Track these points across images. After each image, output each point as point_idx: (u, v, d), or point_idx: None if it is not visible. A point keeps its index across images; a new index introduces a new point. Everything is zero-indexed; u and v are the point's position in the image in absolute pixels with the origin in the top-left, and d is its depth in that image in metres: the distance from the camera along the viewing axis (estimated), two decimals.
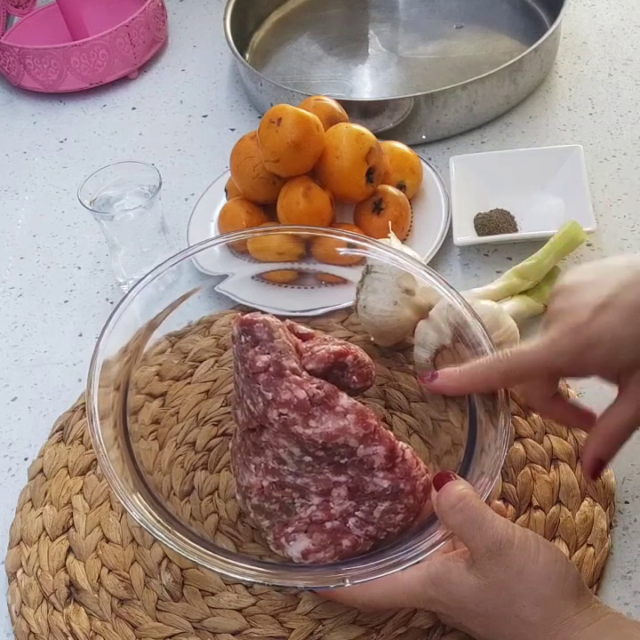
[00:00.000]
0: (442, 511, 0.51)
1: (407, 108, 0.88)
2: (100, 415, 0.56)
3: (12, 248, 0.89)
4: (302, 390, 0.54)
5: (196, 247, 0.64)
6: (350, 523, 0.55)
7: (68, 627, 0.59)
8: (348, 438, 0.54)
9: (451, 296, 0.60)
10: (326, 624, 0.57)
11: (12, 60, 1.04)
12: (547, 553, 0.49)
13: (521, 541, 0.49)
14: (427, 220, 0.81)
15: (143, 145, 0.98)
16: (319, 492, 0.56)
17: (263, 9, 1.10)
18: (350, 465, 0.55)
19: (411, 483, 0.55)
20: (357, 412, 0.54)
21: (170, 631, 0.58)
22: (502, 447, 0.53)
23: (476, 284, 0.75)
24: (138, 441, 0.60)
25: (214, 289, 0.74)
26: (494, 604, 0.49)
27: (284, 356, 0.55)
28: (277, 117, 0.75)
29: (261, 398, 0.55)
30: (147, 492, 0.55)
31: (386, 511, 0.55)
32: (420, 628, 0.56)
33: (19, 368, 0.78)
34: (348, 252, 0.65)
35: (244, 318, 0.57)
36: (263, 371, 0.55)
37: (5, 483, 0.69)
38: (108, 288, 0.83)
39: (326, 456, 0.55)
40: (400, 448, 0.55)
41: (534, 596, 0.48)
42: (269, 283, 0.76)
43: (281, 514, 0.56)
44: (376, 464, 0.55)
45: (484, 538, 0.49)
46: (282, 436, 0.55)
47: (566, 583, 0.48)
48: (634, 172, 0.85)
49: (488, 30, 1.03)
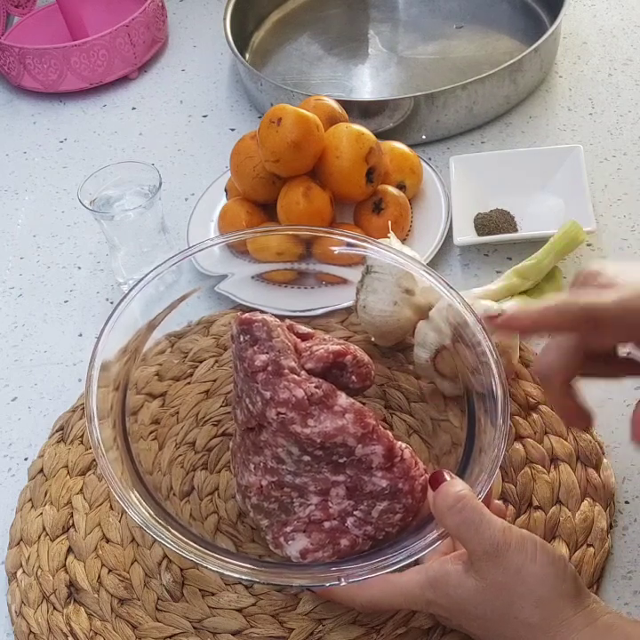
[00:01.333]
0: (439, 512, 0.51)
1: (407, 108, 0.88)
2: (99, 415, 0.56)
3: (12, 248, 0.89)
4: (300, 389, 0.54)
5: (196, 247, 0.64)
6: (349, 522, 0.55)
7: (67, 627, 0.59)
8: (347, 437, 0.54)
9: (450, 296, 0.60)
10: (326, 624, 0.57)
11: (11, 60, 1.04)
12: (544, 554, 0.49)
13: (518, 543, 0.49)
14: (427, 220, 0.81)
15: (143, 145, 0.98)
16: (318, 492, 0.56)
17: (263, 9, 1.10)
18: (349, 464, 0.55)
19: (409, 482, 0.55)
20: (356, 412, 0.54)
21: (170, 631, 0.58)
22: (501, 446, 0.53)
23: (475, 284, 0.75)
24: (137, 441, 0.60)
25: (214, 289, 0.74)
26: (493, 606, 0.49)
27: (283, 356, 0.55)
28: (277, 117, 0.75)
29: (260, 397, 0.55)
30: (145, 491, 0.55)
31: (384, 511, 0.55)
32: (419, 627, 0.56)
33: (19, 368, 0.78)
34: (348, 250, 0.65)
35: (243, 318, 0.57)
36: (261, 370, 0.55)
37: (5, 483, 0.69)
38: (108, 288, 0.83)
39: (325, 455, 0.55)
40: (399, 448, 0.55)
41: (533, 598, 0.48)
42: (269, 283, 0.76)
43: (280, 513, 0.57)
44: (374, 463, 0.55)
45: (482, 540, 0.49)
46: (280, 435, 0.55)
47: (564, 584, 0.48)
48: (634, 172, 0.85)
49: (488, 30, 1.03)
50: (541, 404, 0.66)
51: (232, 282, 0.71)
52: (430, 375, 0.64)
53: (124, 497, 0.53)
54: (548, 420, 0.65)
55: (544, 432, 0.64)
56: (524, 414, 0.65)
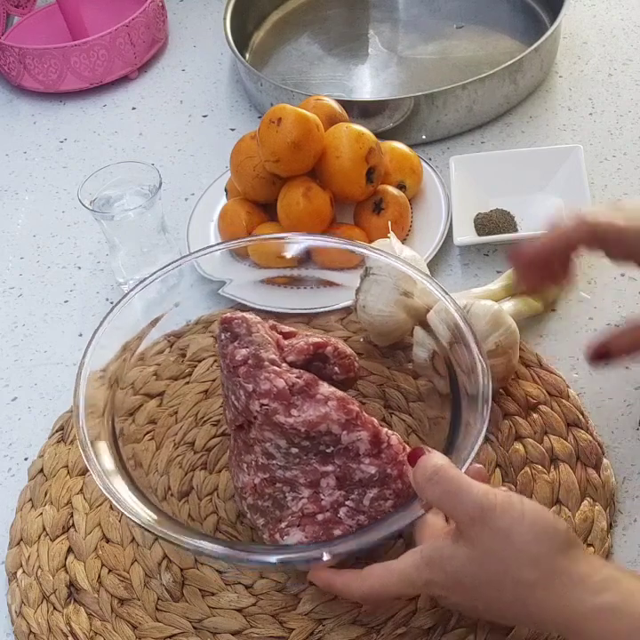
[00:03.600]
0: (418, 485, 0.51)
1: (407, 108, 0.88)
2: (86, 412, 0.56)
3: (12, 248, 0.89)
4: (281, 379, 0.55)
5: (196, 254, 0.65)
6: (341, 513, 0.56)
7: (68, 627, 0.59)
8: (331, 425, 0.54)
9: (445, 300, 0.60)
10: (326, 624, 0.57)
11: (12, 60, 1.04)
12: (531, 512, 0.48)
13: (503, 504, 0.48)
14: (427, 220, 0.81)
15: (143, 145, 0.98)
16: (308, 484, 0.56)
17: (263, 9, 1.10)
18: (336, 454, 0.55)
19: (398, 467, 0.55)
20: (338, 399, 0.55)
21: (170, 631, 0.58)
22: (482, 426, 0.53)
23: (475, 284, 0.75)
24: (133, 441, 0.60)
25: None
26: (488, 573, 0.48)
27: (263, 349, 0.57)
28: (277, 117, 0.75)
29: (243, 391, 0.56)
30: (133, 486, 0.55)
31: (375, 498, 0.55)
32: (420, 627, 0.56)
33: (19, 368, 0.78)
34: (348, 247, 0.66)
35: (224, 317, 0.59)
36: (242, 364, 0.56)
37: (5, 483, 0.69)
38: (107, 288, 0.83)
39: (312, 446, 0.55)
40: (385, 434, 0.56)
41: (527, 557, 0.47)
42: (269, 283, 0.76)
43: (274, 510, 0.57)
44: (361, 450, 0.55)
45: (465, 506, 0.48)
46: (266, 428, 0.55)
47: (556, 538, 0.48)
48: (634, 172, 0.85)
49: (488, 30, 1.03)
50: (541, 403, 0.66)
51: (232, 284, 0.72)
52: (429, 374, 0.64)
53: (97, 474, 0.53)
54: (547, 420, 0.65)
55: (544, 432, 0.64)
56: (523, 414, 0.65)
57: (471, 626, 0.55)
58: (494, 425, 0.65)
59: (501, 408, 0.66)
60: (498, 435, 0.64)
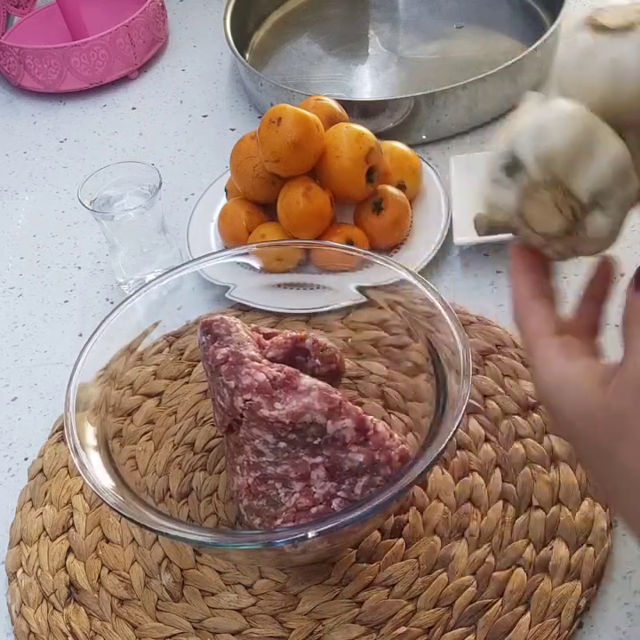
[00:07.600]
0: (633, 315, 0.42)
1: (407, 108, 0.88)
2: (78, 415, 0.57)
3: (12, 248, 0.89)
4: (262, 373, 0.56)
5: (200, 260, 0.67)
6: (334, 504, 0.56)
7: (68, 627, 0.59)
8: (315, 414, 0.55)
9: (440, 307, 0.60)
10: (326, 624, 0.57)
11: (12, 60, 1.04)
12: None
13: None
14: (427, 220, 0.81)
15: (143, 145, 0.98)
16: (299, 477, 0.56)
17: (263, 9, 1.10)
18: (324, 444, 0.56)
19: (385, 453, 0.55)
20: (320, 389, 0.55)
21: (170, 631, 0.58)
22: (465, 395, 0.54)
23: (475, 284, 0.75)
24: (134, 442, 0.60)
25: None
26: (599, 436, 0.41)
27: (243, 347, 0.57)
28: (277, 117, 0.75)
29: (226, 389, 0.56)
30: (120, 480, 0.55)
31: (365, 486, 0.56)
32: (420, 627, 0.56)
33: (19, 368, 0.78)
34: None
35: (204, 321, 0.59)
36: (224, 362, 0.56)
37: (5, 483, 0.69)
38: (107, 288, 0.83)
39: (299, 438, 0.55)
40: (370, 421, 0.56)
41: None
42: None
43: (269, 508, 0.57)
44: (348, 439, 0.55)
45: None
46: (253, 424, 0.55)
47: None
48: None
49: (488, 30, 1.03)
50: (541, 403, 0.66)
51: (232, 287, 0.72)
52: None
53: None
54: (547, 420, 0.65)
55: (544, 432, 0.64)
56: (524, 414, 0.65)
57: (471, 625, 0.55)
58: (494, 424, 0.65)
59: (501, 408, 0.66)
60: (498, 435, 0.64)
